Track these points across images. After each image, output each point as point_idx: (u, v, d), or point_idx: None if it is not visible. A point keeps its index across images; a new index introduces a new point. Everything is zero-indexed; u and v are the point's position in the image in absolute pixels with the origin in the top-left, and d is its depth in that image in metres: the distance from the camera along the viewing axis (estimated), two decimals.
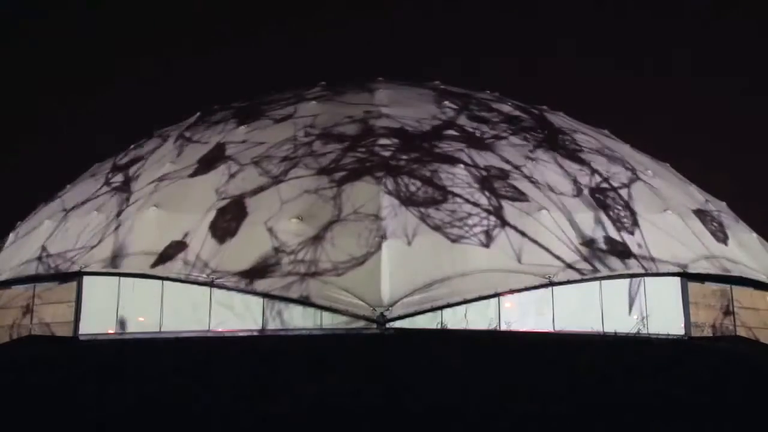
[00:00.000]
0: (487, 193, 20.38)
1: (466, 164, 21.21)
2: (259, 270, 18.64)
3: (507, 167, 21.43)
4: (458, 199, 20.05)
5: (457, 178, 20.68)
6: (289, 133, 22.66)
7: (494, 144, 22.65)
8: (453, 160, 21.28)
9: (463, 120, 23.78)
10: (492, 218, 19.74)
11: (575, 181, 21.74)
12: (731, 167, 43.71)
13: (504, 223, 19.73)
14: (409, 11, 62.62)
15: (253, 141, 22.54)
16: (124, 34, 61.88)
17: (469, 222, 19.48)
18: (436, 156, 21.47)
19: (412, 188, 20.17)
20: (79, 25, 59.44)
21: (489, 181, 20.76)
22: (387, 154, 21.36)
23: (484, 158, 21.67)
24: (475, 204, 19.96)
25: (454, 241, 19.01)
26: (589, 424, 10.22)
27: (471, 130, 23.14)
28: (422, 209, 19.65)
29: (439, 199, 19.97)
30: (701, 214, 22.99)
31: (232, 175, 21.24)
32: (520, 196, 20.58)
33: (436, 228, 19.26)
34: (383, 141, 21.84)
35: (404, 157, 21.30)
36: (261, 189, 20.55)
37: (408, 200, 19.80)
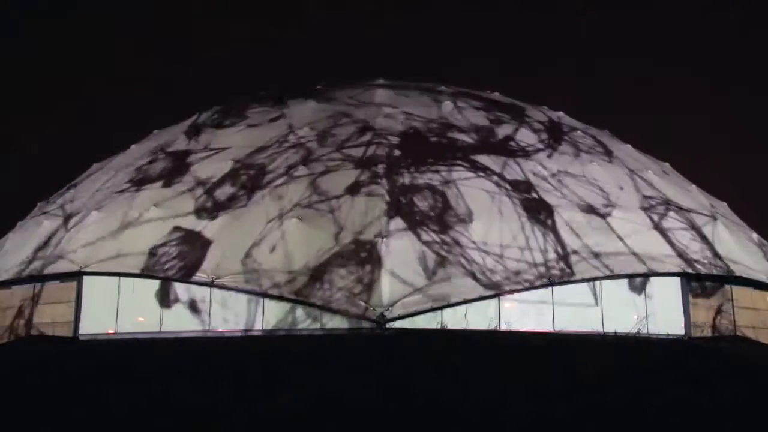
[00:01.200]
0: (489, 197, 20.43)
1: (470, 166, 21.22)
2: (260, 271, 18.64)
3: (517, 174, 21.44)
4: (459, 203, 20.08)
5: (461, 181, 20.70)
6: (288, 135, 22.64)
7: (498, 144, 22.69)
8: (458, 163, 21.29)
9: (470, 121, 23.84)
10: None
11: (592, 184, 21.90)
12: (731, 167, 43.72)
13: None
14: (409, 11, 62.60)
15: (251, 143, 22.50)
16: (124, 34, 61.89)
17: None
18: (439, 159, 21.48)
19: (414, 192, 20.16)
20: (80, 25, 59.44)
21: (494, 184, 20.79)
22: (387, 155, 21.35)
23: (490, 160, 21.71)
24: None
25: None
26: (588, 425, 10.22)
27: (476, 131, 23.17)
28: (423, 212, 19.66)
29: (441, 205, 19.96)
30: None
31: (226, 178, 21.22)
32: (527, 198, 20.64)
33: (437, 231, 19.29)
34: (384, 143, 21.83)
35: (405, 160, 21.31)
36: (258, 192, 20.54)
37: (409, 204, 19.79)
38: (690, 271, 20.68)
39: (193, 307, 19.13)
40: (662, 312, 20.24)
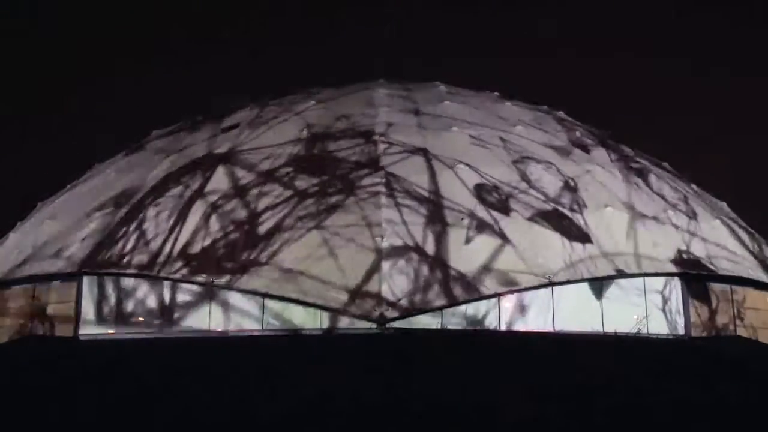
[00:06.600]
0: (483, 196, 20.43)
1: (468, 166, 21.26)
2: (259, 270, 18.64)
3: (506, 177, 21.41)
4: (454, 201, 20.08)
5: (456, 182, 20.69)
6: (290, 136, 22.65)
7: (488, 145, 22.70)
8: (457, 162, 21.30)
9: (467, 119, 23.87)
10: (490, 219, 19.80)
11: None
12: (731, 167, 43.73)
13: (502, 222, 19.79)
14: (409, 11, 62.59)
15: (252, 145, 22.48)
16: (124, 35, 61.90)
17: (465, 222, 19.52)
18: (437, 155, 21.49)
19: (410, 188, 20.16)
20: (80, 25, 59.43)
21: (486, 187, 20.79)
22: (385, 153, 21.37)
23: (484, 160, 21.72)
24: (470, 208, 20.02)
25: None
26: (588, 424, 10.22)
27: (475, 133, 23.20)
28: (421, 210, 19.66)
29: (437, 202, 19.94)
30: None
31: (228, 177, 21.23)
32: (516, 200, 20.64)
33: (436, 228, 19.29)
34: (384, 142, 21.85)
35: (403, 157, 21.32)
36: (259, 189, 20.55)
37: (407, 200, 19.80)
38: (690, 271, 20.67)
39: (193, 307, 19.12)
40: (662, 312, 20.25)
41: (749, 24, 54.54)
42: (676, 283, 20.71)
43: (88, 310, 19.99)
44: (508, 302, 18.88)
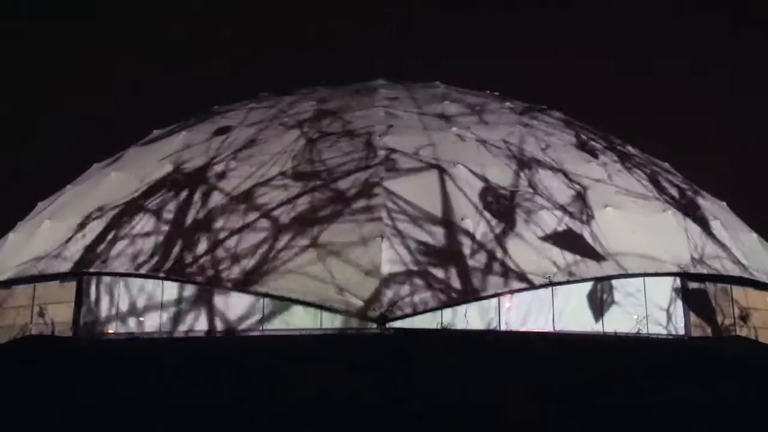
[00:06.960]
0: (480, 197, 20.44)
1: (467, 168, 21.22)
2: (259, 270, 18.64)
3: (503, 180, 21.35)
4: (455, 203, 20.08)
5: (456, 182, 20.67)
6: (286, 139, 22.62)
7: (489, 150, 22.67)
8: (454, 162, 21.27)
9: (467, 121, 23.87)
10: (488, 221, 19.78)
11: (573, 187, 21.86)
12: (731, 168, 43.74)
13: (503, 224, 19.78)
14: (409, 11, 62.57)
15: (247, 151, 22.44)
16: (124, 36, 61.90)
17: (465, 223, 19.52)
18: (437, 156, 21.47)
19: (409, 191, 20.16)
20: (79, 26, 59.42)
21: (487, 190, 20.79)
22: (385, 155, 21.38)
23: (487, 162, 21.70)
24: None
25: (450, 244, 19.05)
26: (588, 425, 10.22)
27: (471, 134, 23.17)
28: (421, 211, 19.67)
29: (435, 203, 19.94)
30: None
31: (222, 185, 21.22)
32: (515, 203, 20.63)
33: (436, 230, 19.29)
34: (383, 143, 21.85)
35: (401, 157, 21.31)
36: (258, 189, 20.55)
37: (406, 203, 19.80)
38: (690, 271, 20.67)
39: (192, 307, 19.13)
40: (662, 312, 20.25)
41: (749, 24, 54.46)
42: (677, 283, 20.71)
43: (88, 310, 20.03)
44: (508, 302, 18.88)
